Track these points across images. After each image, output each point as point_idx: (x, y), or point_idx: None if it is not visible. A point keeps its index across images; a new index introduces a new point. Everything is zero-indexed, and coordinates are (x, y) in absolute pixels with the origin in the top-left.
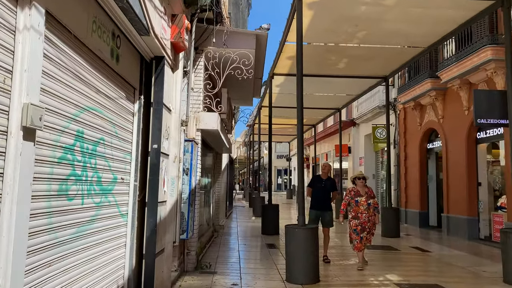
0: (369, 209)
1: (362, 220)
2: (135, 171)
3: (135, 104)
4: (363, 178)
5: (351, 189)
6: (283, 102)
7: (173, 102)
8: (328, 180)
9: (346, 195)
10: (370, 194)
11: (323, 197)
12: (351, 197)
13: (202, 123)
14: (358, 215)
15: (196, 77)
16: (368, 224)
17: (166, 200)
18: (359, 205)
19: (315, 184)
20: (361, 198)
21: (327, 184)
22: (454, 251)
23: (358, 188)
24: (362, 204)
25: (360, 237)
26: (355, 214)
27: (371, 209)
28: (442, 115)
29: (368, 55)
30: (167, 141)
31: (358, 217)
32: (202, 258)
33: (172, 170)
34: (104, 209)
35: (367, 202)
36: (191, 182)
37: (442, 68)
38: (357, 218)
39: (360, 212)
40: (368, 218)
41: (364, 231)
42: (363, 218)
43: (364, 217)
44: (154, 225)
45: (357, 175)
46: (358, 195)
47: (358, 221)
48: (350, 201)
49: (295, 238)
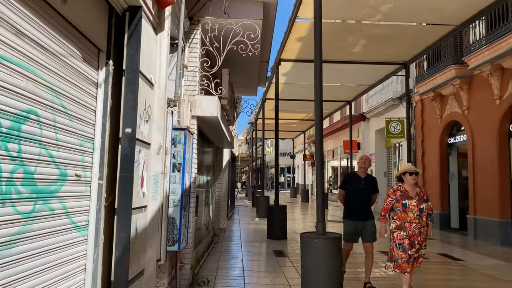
0: (421, 217)
1: (411, 232)
2: (100, 165)
3: (99, 72)
4: (415, 173)
5: (397, 189)
6: (288, 94)
7: (157, 74)
8: (369, 180)
9: (388, 197)
10: (423, 196)
11: (364, 202)
12: (396, 199)
13: (198, 109)
14: (406, 225)
15: (191, 53)
16: (419, 238)
17: (146, 205)
18: (408, 211)
19: (351, 186)
20: (410, 201)
21: (368, 184)
22: (490, 259)
23: (406, 187)
24: (412, 209)
25: (408, 254)
26: (400, 223)
27: (423, 217)
28: (467, 106)
29: (389, 35)
30: (147, 125)
31: (406, 228)
32: (199, 271)
33: (155, 165)
34: (41, 221)
35: (418, 207)
36: (184, 180)
37: (469, 53)
38: (403, 229)
39: (409, 220)
40: (420, 230)
41: (413, 247)
42: (412, 229)
43: (413, 228)
44: (126, 240)
45: (407, 169)
46: (406, 197)
47: (405, 233)
48: (395, 205)
49: (314, 251)
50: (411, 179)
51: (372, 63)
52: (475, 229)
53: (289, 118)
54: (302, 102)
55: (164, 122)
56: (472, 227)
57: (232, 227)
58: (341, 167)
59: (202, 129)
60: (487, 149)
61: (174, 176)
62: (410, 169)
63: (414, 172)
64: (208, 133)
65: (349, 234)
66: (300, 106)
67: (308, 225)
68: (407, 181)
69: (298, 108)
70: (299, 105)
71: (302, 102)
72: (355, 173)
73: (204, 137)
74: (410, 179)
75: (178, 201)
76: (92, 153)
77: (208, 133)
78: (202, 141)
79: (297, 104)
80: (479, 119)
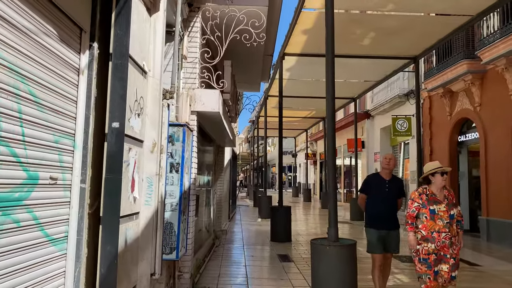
0: (451, 225)
1: (439, 244)
2: (83, 166)
3: (82, 55)
4: (445, 173)
5: (422, 191)
6: (291, 91)
7: (150, 60)
8: (394, 182)
9: (413, 201)
10: (452, 199)
11: (389, 208)
12: (423, 204)
13: (198, 104)
14: (434, 235)
15: (190, 43)
16: (451, 251)
17: (137, 212)
18: (436, 219)
19: (374, 189)
20: (439, 206)
21: (393, 187)
22: (508, 264)
23: (433, 189)
24: (442, 216)
25: (434, 271)
26: (427, 234)
27: (453, 225)
28: (479, 103)
29: (400, 27)
30: (138, 119)
31: (433, 239)
32: (199, 279)
33: (149, 165)
34: (2, 236)
35: (449, 213)
36: (182, 181)
37: (482, 47)
38: (430, 241)
39: (437, 230)
40: (451, 241)
41: (440, 261)
42: (442, 239)
43: (443, 239)
44: (113, 254)
45: (436, 169)
46: (433, 201)
47: (433, 246)
48: (421, 211)
49: (326, 259)
50: (442, 180)
51: (381, 57)
52: (488, 231)
53: (291, 116)
54: (304, 99)
55: (159, 117)
56: (485, 229)
57: (234, 229)
58: (344, 166)
59: (203, 126)
60: (501, 147)
61: (172, 177)
62: (440, 169)
63: (445, 172)
64: (209, 131)
65: (373, 244)
66: (303, 103)
67: (312, 226)
68: (437, 183)
69: (301, 105)
70: (301, 102)
71: (304, 100)
72: (377, 174)
73: (205, 135)
74: (441, 180)
75: (176, 204)
76: (73, 151)
77: (209, 131)
78: (203, 139)
79: (300, 101)
80: (493, 116)
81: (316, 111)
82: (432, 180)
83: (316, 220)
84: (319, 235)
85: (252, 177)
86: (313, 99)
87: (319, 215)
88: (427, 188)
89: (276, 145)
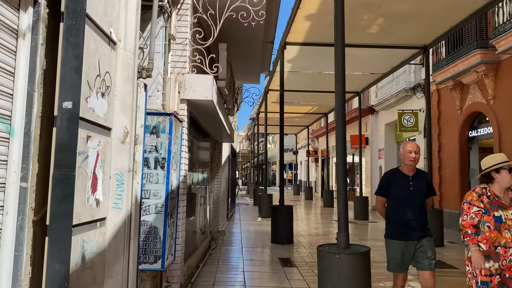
0: None
1: (506, 263)
2: (24, 159)
3: (22, 14)
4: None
5: (482, 193)
6: (292, 84)
7: (121, 27)
8: (419, 178)
9: (471, 205)
10: None
11: (416, 212)
12: (485, 209)
13: (189, 91)
14: (498, 251)
15: (180, 21)
16: None
17: (103, 218)
18: (502, 229)
19: (395, 189)
20: (505, 212)
21: (419, 185)
22: None
23: (494, 190)
24: (510, 226)
25: None
26: (489, 249)
27: None
28: (493, 95)
29: (411, 12)
30: (103, 100)
31: (497, 256)
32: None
33: (120, 159)
34: None
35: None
36: (169, 179)
37: (498, 35)
38: (493, 258)
39: (504, 244)
40: None
41: (503, 285)
42: (508, 257)
43: (510, 256)
44: (63, 275)
45: (503, 163)
46: (497, 205)
47: (497, 265)
48: (484, 218)
49: (335, 269)
50: (509, 177)
51: (389, 46)
52: None
53: (292, 112)
54: (306, 94)
55: (133, 99)
56: None
57: (232, 229)
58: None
59: (196, 118)
60: None
61: (157, 174)
62: (507, 163)
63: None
64: (203, 123)
65: (396, 260)
66: (304, 98)
67: (314, 226)
68: (503, 182)
69: (302, 100)
70: (302, 97)
71: (306, 94)
72: (398, 170)
73: (200, 129)
74: (510, 178)
75: (161, 206)
76: (8, 139)
77: (203, 123)
78: (197, 133)
79: (301, 96)
80: (508, 109)
81: (318, 106)
82: (496, 178)
83: (319, 220)
84: (322, 235)
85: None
86: (315, 94)
87: (321, 213)
88: (487, 188)
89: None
